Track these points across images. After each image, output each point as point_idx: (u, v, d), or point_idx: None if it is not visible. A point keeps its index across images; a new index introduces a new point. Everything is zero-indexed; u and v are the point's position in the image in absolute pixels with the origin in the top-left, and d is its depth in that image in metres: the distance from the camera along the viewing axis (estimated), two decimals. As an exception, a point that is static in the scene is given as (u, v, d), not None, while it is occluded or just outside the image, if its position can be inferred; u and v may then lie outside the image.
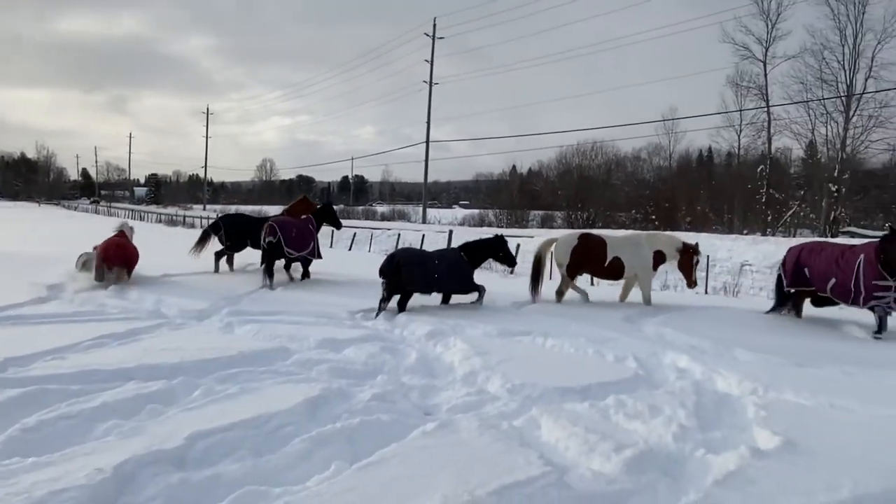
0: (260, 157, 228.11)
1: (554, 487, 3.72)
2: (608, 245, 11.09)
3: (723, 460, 4.16)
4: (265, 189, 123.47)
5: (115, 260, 11.40)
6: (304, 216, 14.59)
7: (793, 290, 9.91)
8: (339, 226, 15.08)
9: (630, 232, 10.60)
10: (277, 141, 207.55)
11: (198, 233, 16.98)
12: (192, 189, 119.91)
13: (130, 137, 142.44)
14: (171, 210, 73.55)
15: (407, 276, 9.63)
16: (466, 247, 10.81)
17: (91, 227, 30.90)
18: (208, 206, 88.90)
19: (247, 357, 6.54)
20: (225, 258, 14.79)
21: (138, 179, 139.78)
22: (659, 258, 11.13)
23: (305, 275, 13.52)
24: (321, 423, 4.75)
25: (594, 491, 3.76)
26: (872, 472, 3.96)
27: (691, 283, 11.54)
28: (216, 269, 14.33)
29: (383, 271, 9.77)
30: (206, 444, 4.25)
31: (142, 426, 4.56)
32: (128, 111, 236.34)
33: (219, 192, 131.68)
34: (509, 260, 11.27)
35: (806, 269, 9.60)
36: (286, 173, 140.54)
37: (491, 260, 11.34)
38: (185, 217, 56.30)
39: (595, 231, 13.16)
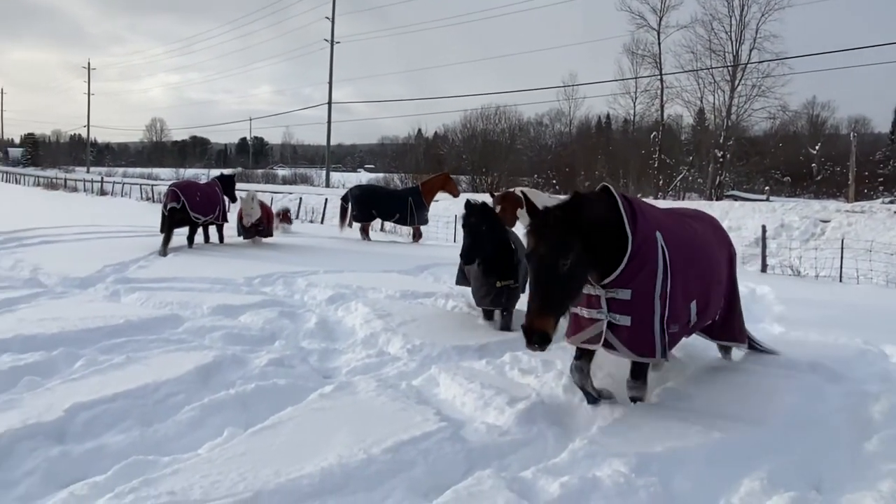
0: (147, 116, 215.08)
1: (449, 441, 3.82)
2: None
3: (608, 409, 4.39)
4: (155, 151, 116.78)
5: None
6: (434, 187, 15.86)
7: None
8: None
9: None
10: (166, 99, 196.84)
11: (81, 196, 16.53)
12: (75, 150, 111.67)
13: (2, 93, 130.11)
14: (50, 172, 68.35)
15: None
16: None
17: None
18: (93, 169, 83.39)
19: (134, 325, 6.24)
20: (360, 228, 15.71)
21: (13, 139, 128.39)
22: None
23: (220, 239, 13.37)
24: (214, 391, 4.63)
25: (487, 443, 3.89)
26: (740, 419, 4.28)
27: None
28: (365, 238, 15.55)
29: None
30: (88, 415, 4.06)
31: (18, 399, 4.29)
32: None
33: (104, 153, 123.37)
34: None
35: None
36: (178, 134, 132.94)
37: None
38: (66, 180, 52.48)
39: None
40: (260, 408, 4.40)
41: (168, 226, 11.82)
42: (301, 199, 27.87)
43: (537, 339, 3.76)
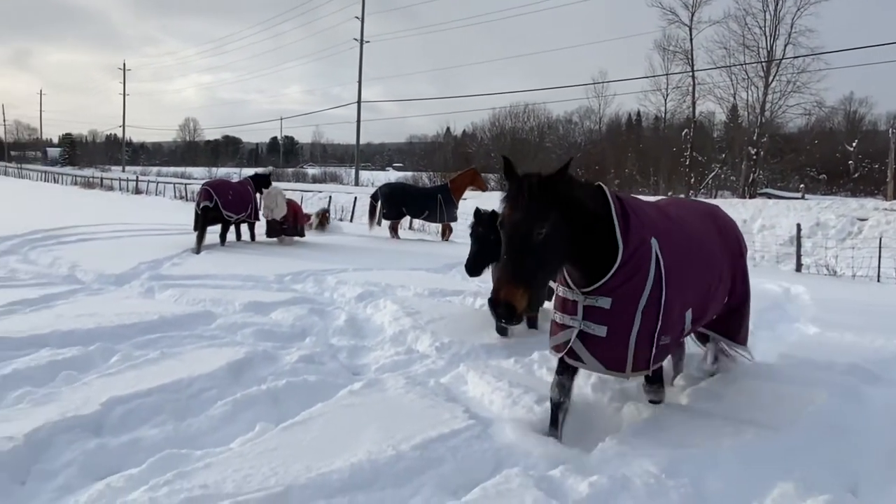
0: (180, 115, 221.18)
1: (477, 439, 3.82)
2: None
3: (636, 410, 4.36)
4: (189, 150, 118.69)
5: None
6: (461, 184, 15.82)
7: None
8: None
9: None
10: (199, 99, 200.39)
11: (116, 195, 16.89)
12: (110, 149, 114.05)
13: (41, 94, 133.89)
14: (87, 171, 69.87)
15: None
16: None
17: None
18: (128, 168, 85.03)
19: (168, 322, 6.36)
20: (389, 226, 15.80)
21: (51, 139, 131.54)
22: None
23: (252, 237, 13.60)
24: (245, 386, 4.71)
25: (515, 441, 3.88)
26: (774, 420, 4.20)
27: None
28: (394, 236, 15.69)
29: None
30: (124, 409, 4.15)
31: (56, 393, 4.41)
32: (33, 67, 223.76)
33: (139, 152, 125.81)
34: None
35: None
36: (211, 133, 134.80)
37: None
38: (102, 179, 53.58)
39: None
40: (290, 403, 4.46)
41: (201, 224, 12.02)
42: (331, 197, 28.05)
43: (503, 310, 3.41)
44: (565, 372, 4.08)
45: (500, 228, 3.64)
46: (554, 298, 4.16)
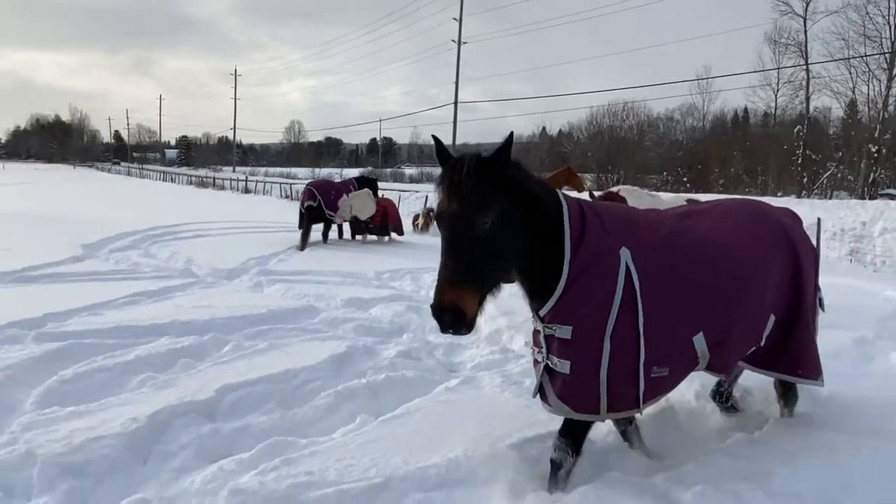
0: (286, 118, 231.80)
1: (574, 442, 3.75)
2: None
3: (745, 420, 4.16)
4: (294, 151, 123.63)
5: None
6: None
7: None
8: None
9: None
10: (303, 102, 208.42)
11: (227, 194, 17.71)
12: (222, 151, 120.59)
13: (161, 99, 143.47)
14: (201, 172, 74.15)
15: None
16: None
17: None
18: (238, 168, 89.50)
19: (275, 315, 6.69)
20: None
21: (169, 142, 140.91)
22: None
23: (352, 235, 14.13)
24: (347, 379, 4.87)
25: (614, 446, 3.81)
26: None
27: None
28: None
29: None
30: (235, 396, 4.39)
31: (174, 379, 4.73)
32: (152, 73, 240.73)
33: (248, 153, 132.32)
34: None
35: None
36: (314, 135, 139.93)
37: None
38: (214, 179, 56.72)
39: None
40: (389, 397, 4.58)
41: (306, 223, 12.53)
42: (427, 196, 28.40)
43: (449, 318, 2.87)
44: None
45: (437, 222, 3.08)
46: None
